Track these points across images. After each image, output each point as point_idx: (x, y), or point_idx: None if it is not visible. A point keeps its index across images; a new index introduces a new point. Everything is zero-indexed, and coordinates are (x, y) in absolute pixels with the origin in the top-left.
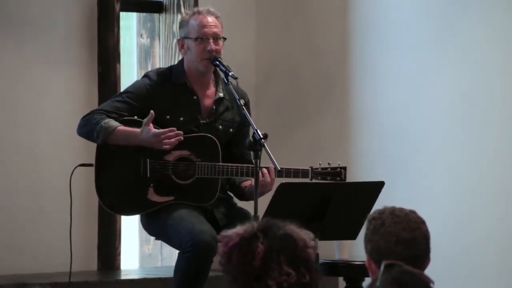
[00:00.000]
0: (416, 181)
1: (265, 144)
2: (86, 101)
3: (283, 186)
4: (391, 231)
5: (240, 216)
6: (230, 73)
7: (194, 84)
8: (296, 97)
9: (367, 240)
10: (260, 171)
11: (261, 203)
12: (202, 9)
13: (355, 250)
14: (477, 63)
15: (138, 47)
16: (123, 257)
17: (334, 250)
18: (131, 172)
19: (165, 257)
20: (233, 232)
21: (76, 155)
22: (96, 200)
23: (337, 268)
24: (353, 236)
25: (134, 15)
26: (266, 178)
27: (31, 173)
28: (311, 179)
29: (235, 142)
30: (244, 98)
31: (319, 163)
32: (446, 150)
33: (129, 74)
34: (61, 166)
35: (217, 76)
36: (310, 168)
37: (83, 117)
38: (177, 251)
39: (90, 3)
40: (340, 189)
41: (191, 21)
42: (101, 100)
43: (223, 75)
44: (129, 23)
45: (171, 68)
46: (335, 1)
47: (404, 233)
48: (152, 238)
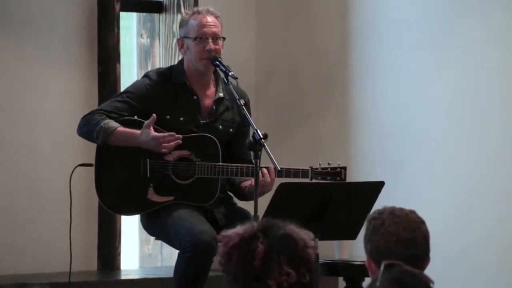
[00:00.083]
0: (416, 181)
1: (265, 144)
2: (86, 101)
3: (283, 186)
4: (391, 231)
5: (240, 216)
6: (230, 73)
7: (194, 84)
8: (296, 97)
9: (367, 240)
10: (260, 171)
11: (261, 203)
12: (202, 9)
13: (355, 250)
14: (477, 63)
15: (138, 47)
16: (123, 257)
17: (334, 250)
18: (131, 172)
19: (165, 257)
20: (233, 232)
21: (76, 155)
22: (96, 200)
23: (337, 268)
24: (353, 236)
25: (134, 15)
26: (266, 178)
27: (31, 173)
28: (311, 179)
29: (235, 142)
30: (244, 98)
31: (319, 163)
32: (446, 150)
33: (129, 74)
34: (61, 166)
35: (217, 76)
36: (310, 168)
37: (83, 117)
38: (177, 251)
39: (90, 3)
40: (340, 189)
41: (191, 21)
42: (101, 100)
43: (223, 75)
44: (129, 23)
45: (171, 68)
46: (335, 1)
47: (404, 233)
48: (152, 238)
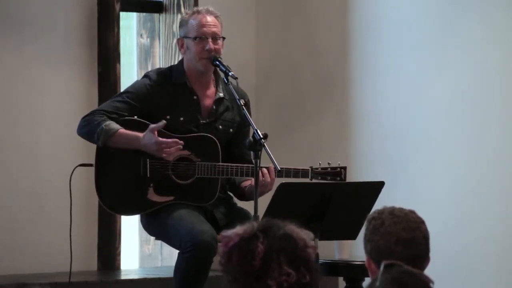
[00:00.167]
0: (416, 181)
1: (265, 144)
2: (86, 101)
3: (283, 186)
4: (391, 231)
5: (240, 216)
6: (230, 73)
7: (194, 84)
8: (296, 97)
9: (367, 240)
10: (260, 171)
11: (261, 203)
12: (202, 9)
13: (355, 250)
14: (477, 63)
15: (138, 47)
16: (123, 257)
17: (334, 250)
18: (131, 172)
19: (165, 257)
20: (233, 232)
21: (76, 155)
22: (96, 200)
23: (337, 268)
24: (353, 236)
25: (134, 15)
26: (266, 178)
27: (31, 173)
28: (311, 179)
29: (235, 142)
30: (244, 98)
31: (319, 163)
32: (446, 150)
33: (129, 74)
34: (61, 166)
35: (217, 76)
36: (310, 168)
37: (84, 118)
38: (177, 251)
39: (90, 3)
40: (340, 189)
41: (191, 21)
42: (101, 100)
43: (223, 75)
44: (129, 23)
45: (171, 68)
46: (335, 1)
47: (404, 233)
48: (152, 238)
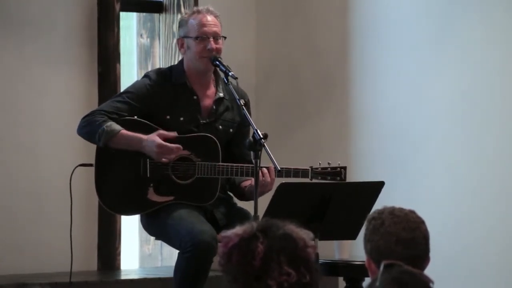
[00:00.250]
0: (416, 181)
1: (265, 144)
2: (86, 101)
3: (283, 186)
4: (391, 231)
5: (240, 216)
6: (230, 73)
7: (194, 84)
8: (296, 97)
9: (367, 240)
10: (260, 171)
11: (261, 203)
12: (202, 8)
13: (355, 250)
14: (477, 63)
15: (138, 47)
16: (123, 257)
17: (334, 250)
18: (131, 172)
19: (165, 257)
20: (233, 233)
21: (76, 155)
22: (96, 200)
23: (337, 268)
24: (353, 236)
25: (134, 15)
26: (266, 178)
27: (31, 173)
28: (311, 179)
29: (235, 142)
30: (244, 98)
31: (319, 163)
32: (446, 150)
33: (129, 74)
34: (61, 166)
35: (217, 76)
36: (310, 168)
37: (84, 118)
38: (177, 251)
39: (90, 3)
40: (340, 189)
41: (191, 20)
42: (101, 100)
43: (223, 75)
44: (129, 23)
45: (171, 68)
46: (335, 1)
47: (404, 233)
48: (152, 238)
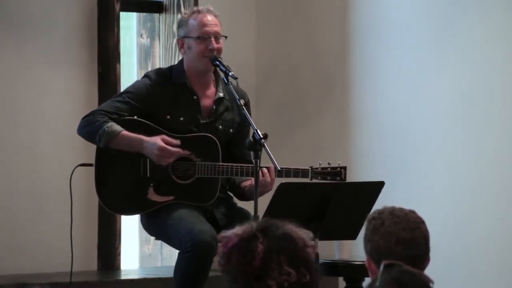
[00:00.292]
0: (416, 181)
1: (265, 144)
2: (86, 101)
3: (283, 186)
4: (391, 231)
5: (240, 216)
6: (230, 73)
7: (194, 84)
8: (296, 97)
9: (367, 240)
10: (260, 171)
11: (261, 203)
12: (202, 8)
13: (355, 250)
14: (477, 63)
15: (138, 47)
16: (123, 257)
17: (334, 250)
18: (131, 172)
19: (165, 257)
20: (232, 233)
21: (76, 155)
22: (96, 200)
23: (337, 268)
24: (353, 236)
25: (134, 15)
26: (266, 178)
27: (31, 173)
28: (311, 179)
29: (235, 142)
30: (244, 98)
31: (319, 163)
32: (446, 150)
33: (129, 74)
34: (61, 166)
35: (217, 76)
36: (310, 168)
37: (84, 118)
38: (177, 251)
39: (90, 3)
40: (340, 189)
41: (191, 21)
42: (101, 100)
43: (223, 75)
44: (129, 23)
45: (171, 68)
46: (335, 1)
47: (404, 233)
48: (152, 238)
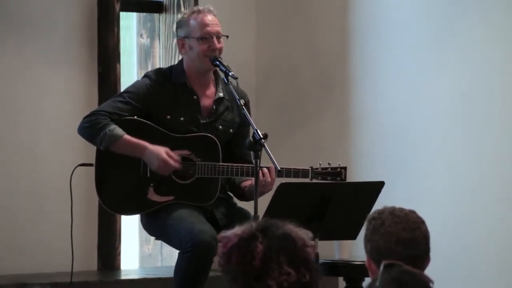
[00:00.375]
0: (416, 181)
1: (265, 144)
2: (86, 101)
3: (283, 186)
4: (391, 231)
5: (240, 216)
6: (230, 73)
7: (194, 84)
8: (296, 97)
9: (367, 240)
10: (260, 171)
11: (261, 203)
12: (202, 8)
13: (355, 250)
14: (477, 63)
15: (138, 47)
16: (123, 257)
17: (334, 250)
18: (131, 172)
19: (165, 257)
20: (232, 233)
21: (76, 155)
22: (96, 200)
23: (337, 268)
24: (353, 236)
25: (134, 15)
26: (266, 178)
27: (31, 173)
28: (311, 179)
29: (235, 142)
30: (244, 98)
31: (319, 163)
32: (446, 150)
33: (129, 74)
34: (61, 166)
35: (217, 76)
36: (310, 168)
37: (86, 118)
38: (177, 251)
39: (90, 3)
40: (340, 189)
41: (192, 21)
42: (101, 100)
43: (223, 75)
44: (129, 23)
45: (171, 68)
46: (335, 1)
47: (404, 233)
48: (152, 238)
